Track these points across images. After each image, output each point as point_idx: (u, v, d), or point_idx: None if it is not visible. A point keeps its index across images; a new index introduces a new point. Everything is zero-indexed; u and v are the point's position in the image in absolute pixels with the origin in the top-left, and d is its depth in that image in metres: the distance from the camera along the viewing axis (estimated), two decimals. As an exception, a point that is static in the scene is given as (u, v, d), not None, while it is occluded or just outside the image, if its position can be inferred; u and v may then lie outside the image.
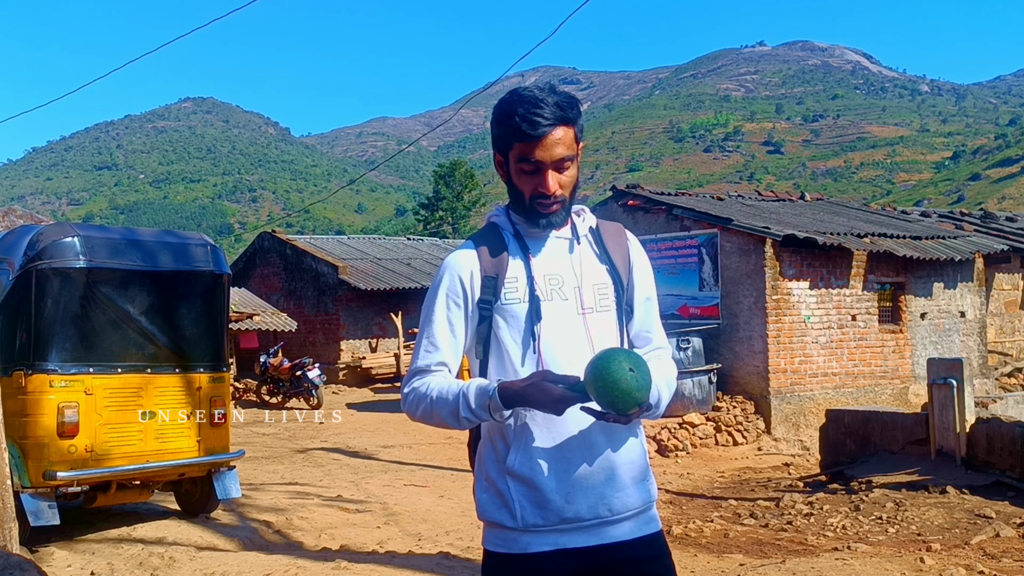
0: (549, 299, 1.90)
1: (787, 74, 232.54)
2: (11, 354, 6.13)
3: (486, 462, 1.92)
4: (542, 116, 1.83)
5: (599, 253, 1.99)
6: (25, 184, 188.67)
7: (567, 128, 1.87)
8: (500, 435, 1.89)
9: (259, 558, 5.79)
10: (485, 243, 1.96)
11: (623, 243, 2.04)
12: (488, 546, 1.92)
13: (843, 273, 13.33)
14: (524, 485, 1.85)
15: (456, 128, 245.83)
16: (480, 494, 1.93)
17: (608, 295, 1.95)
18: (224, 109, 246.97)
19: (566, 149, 1.87)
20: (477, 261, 1.93)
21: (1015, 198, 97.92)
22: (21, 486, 5.81)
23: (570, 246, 1.97)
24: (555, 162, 1.87)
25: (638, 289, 2.03)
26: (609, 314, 1.94)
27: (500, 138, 1.93)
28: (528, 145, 1.85)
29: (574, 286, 1.92)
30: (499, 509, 1.88)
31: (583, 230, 2.00)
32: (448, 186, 54.08)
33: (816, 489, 8.43)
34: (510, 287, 1.90)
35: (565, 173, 1.89)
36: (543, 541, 1.85)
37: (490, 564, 1.93)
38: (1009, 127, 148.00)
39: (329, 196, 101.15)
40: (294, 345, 21.45)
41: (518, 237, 1.96)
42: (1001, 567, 5.19)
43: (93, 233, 6.58)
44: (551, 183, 1.87)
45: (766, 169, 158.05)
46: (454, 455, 11.10)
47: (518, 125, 1.85)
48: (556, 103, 1.86)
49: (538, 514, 1.84)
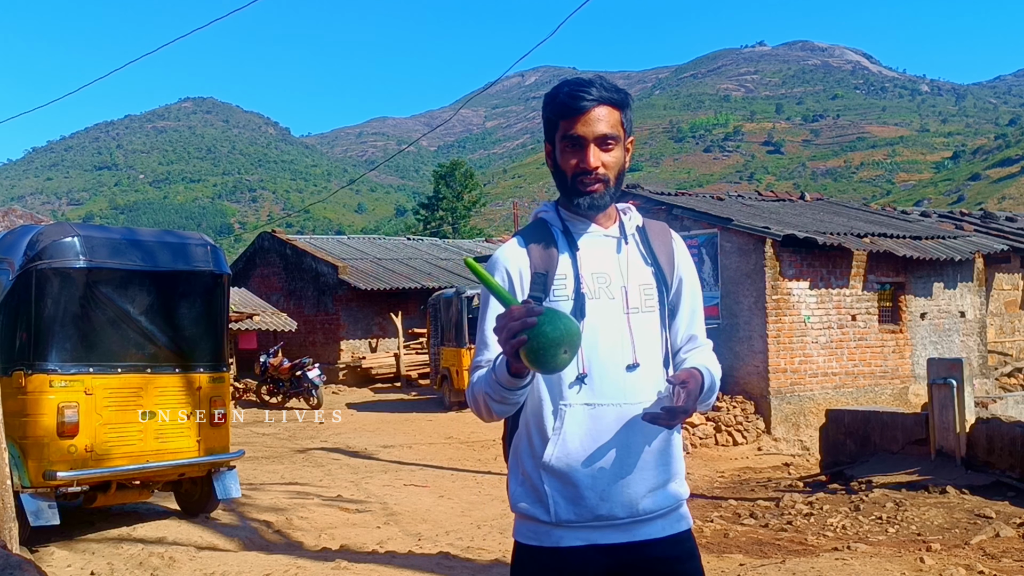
0: (596, 297, 1.89)
1: (787, 74, 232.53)
2: (11, 354, 6.13)
3: (522, 455, 1.92)
4: (586, 92, 1.86)
5: (645, 253, 1.99)
6: (25, 184, 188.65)
7: (612, 109, 1.88)
8: (538, 429, 1.88)
9: (259, 558, 5.79)
10: (534, 239, 1.95)
11: (668, 243, 2.03)
12: (519, 538, 1.92)
13: (843, 273, 13.33)
14: (559, 480, 1.85)
15: (456, 128, 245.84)
16: (514, 487, 1.93)
17: (652, 296, 1.95)
18: (224, 109, 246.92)
19: (609, 128, 1.87)
20: (527, 257, 1.92)
21: (1015, 198, 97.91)
22: (21, 486, 5.80)
23: (618, 245, 1.96)
24: (597, 138, 1.87)
25: (684, 290, 2.03)
26: (653, 315, 1.94)
27: (548, 122, 1.94)
28: (571, 120, 1.87)
29: (620, 285, 1.92)
30: (533, 503, 1.88)
31: (630, 229, 2.00)
32: (448, 186, 54.04)
33: (816, 489, 8.42)
34: (559, 284, 1.90)
35: (609, 153, 1.89)
36: (575, 536, 1.86)
37: (520, 556, 1.93)
38: (1009, 127, 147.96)
39: (329, 196, 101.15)
40: (294, 345, 21.45)
41: (567, 234, 1.95)
42: (1001, 567, 5.19)
43: (93, 233, 6.58)
44: (592, 158, 1.87)
45: (766, 169, 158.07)
46: (454, 455, 11.10)
47: (562, 100, 1.88)
48: (602, 85, 1.89)
49: (572, 510, 1.85)
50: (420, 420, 14.59)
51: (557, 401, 1.86)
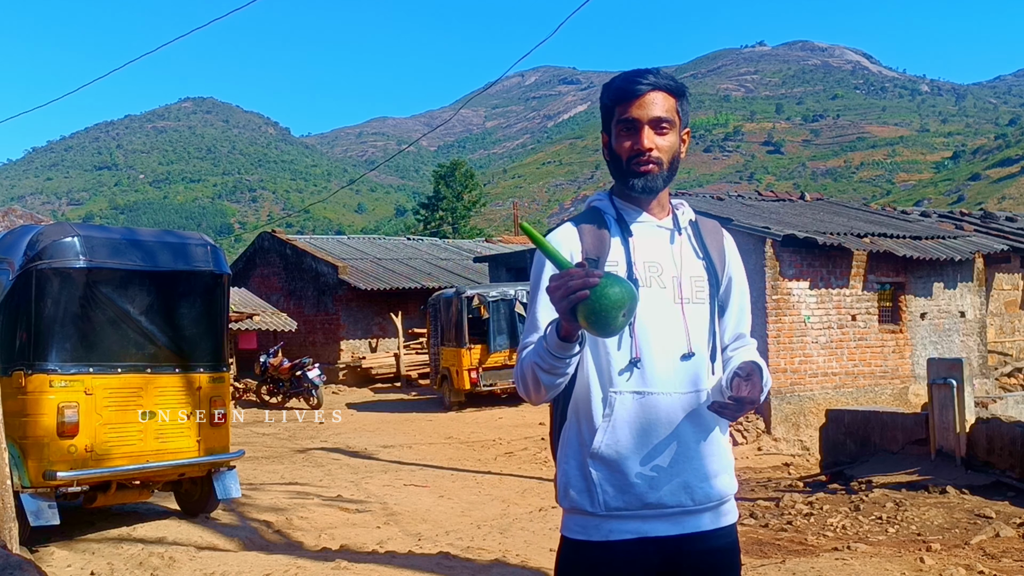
0: (648, 285, 1.91)
1: (787, 74, 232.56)
2: (11, 354, 6.13)
3: (570, 445, 1.92)
4: (642, 78, 1.91)
5: (697, 247, 2.01)
6: (25, 184, 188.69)
7: (667, 96, 1.92)
8: (587, 418, 1.89)
9: (259, 558, 5.79)
10: (587, 225, 1.97)
11: (720, 241, 2.06)
12: (567, 533, 1.92)
13: (843, 273, 13.32)
14: (608, 468, 1.85)
15: (456, 128, 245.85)
16: (562, 478, 1.92)
17: (704, 288, 1.96)
18: (224, 109, 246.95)
19: (664, 112, 1.90)
20: (579, 241, 1.94)
21: (1015, 198, 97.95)
22: (21, 486, 5.80)
23: (671, 237, 1.98)
24: (652, 120, 1.90)
25: (734, 288, 2.06)
26: (703, 306, 1.96)
27: (604, 109, 1.97)
28: (626, 105, 1.91)
29: (672, 275, 1.93)
30: (580, 493, 1.88)
31: (684, 222, 2.02)
32: (448, 186, 54.05)
33: (816, 489, 8.42)
34: (610, 270, 1.90)
35: (664, 137, 1.91)
36: (625, 528, 1.85)
37: (566, 552, 1.92)
38: (1009, 127, 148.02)
39: (329, 196, 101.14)
40: (294, 345, 21.45)
41: (620, 222, 1.97)
42: (1001, 567, 5.19)
43: (93, 233, 6.58)
44: (646, 139, 1.89)
45: (766, 169, 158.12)
46: (454, 455, 11.10)
47: (618, 86, 1.93)
48: (658, 73, 1.94)
49: (620, 498, 1.85)
50: (420, 420, 14.59)
51: (607, 388, 1.87)
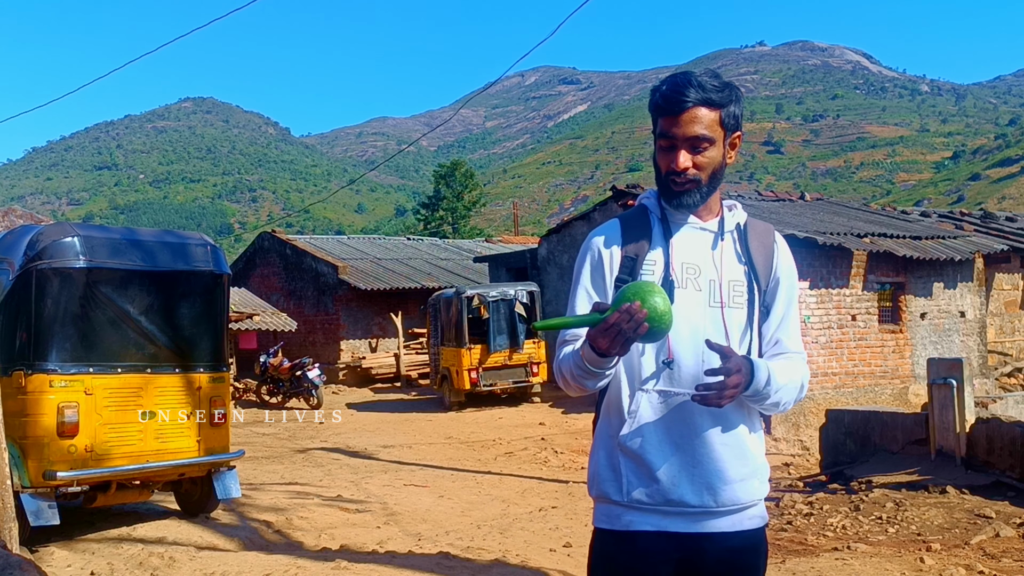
0: (683, 287, 1.91)
1: (787, 74, 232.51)
2: (11, 354, 6.12)
3: (601, 436, 1.97)
4: (682, 94, 1.88)
5: (740, 251, 1.99)
6: (25, 184, 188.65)
7: (710, 110, 1.89)
8: (616, 411, 1.93)
9: (259, 558, 5.79)
10: (630, 223, 1.99)
11: (770, 245, 2.04)
12: (596, 523, 1.98)
13: (843, 273, 13.33)
14: (633, 460, 1.89)
15: (456, 128, 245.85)
16: (593, 466, 1.98)
17: (742, 293, 1.95)
18: (224, 109, 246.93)
19: (704, 129, 1.88)
20: (620, 240, 1.97)
21: (1015, 198, 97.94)
22: (21, 486, 5.80)
23: (714, 241, 1.97)
24: (688, 139, 1.88)
25: (780, 294, 2.02)
26: (740, 311, 1.95)
27: (652, 116, 1.97)
28: (666, 120, 1.90)
29: (710, 279, 1.93)
30: (608, 481, 1.93)
31: (730, 226, 2.01)
32: (448, 186, 54.08)
33: (816, 489, 8.42)
34: (647, 269, 1.93)
35: (702, 154, 1.90)
36: (645, 520, 1.89)
37: (595, 540, 1.99)
38: (1009, 127, 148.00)
39: (329, 196, 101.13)
40: (294, 345, 21.45)
41: (664, 222, 1.97)
42: (1001, 567, 5.19)
43: (93, 233, 6.57)
44: (681, 159, 1.89)
45: (766, 169, 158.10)
46: (454, 455, 11.10)
47: (658, 100, 1.92)
48: (701, 84, 1.88)
49: (644, 491, 1.88)
50: (420, 420, 14.59)
51: (635, 386, 1.90)
